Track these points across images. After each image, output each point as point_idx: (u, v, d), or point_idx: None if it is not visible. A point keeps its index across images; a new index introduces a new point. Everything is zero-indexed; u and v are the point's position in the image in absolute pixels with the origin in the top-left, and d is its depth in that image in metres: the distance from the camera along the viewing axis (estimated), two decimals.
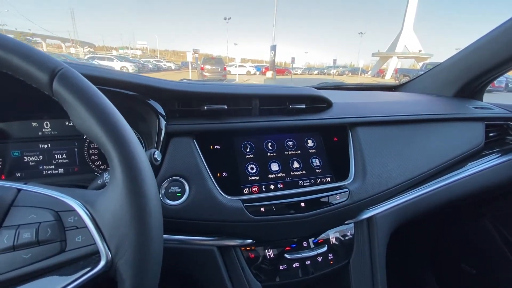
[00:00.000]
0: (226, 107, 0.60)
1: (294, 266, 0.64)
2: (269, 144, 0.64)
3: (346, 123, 0.71)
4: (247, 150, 0.62)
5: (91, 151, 0.62)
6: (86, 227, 0.30)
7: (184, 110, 0.59)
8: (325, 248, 0.66)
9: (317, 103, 0.70)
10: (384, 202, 0.71)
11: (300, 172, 0.64)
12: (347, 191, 0.63)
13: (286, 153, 0.65)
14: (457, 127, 0.88)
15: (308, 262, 0.65)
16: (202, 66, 13.91)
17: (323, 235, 0.68)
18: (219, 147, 0.60)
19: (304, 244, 0.66)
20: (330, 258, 0.67)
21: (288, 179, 0.63)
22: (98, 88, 0.33)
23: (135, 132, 0.61)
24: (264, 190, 0.60)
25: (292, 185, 0.62)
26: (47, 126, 0.58)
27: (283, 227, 0.60)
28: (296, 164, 0.64)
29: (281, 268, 0.63)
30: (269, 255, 0.63)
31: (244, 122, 0.62)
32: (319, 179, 0.65)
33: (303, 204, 0.60)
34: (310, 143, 0.68)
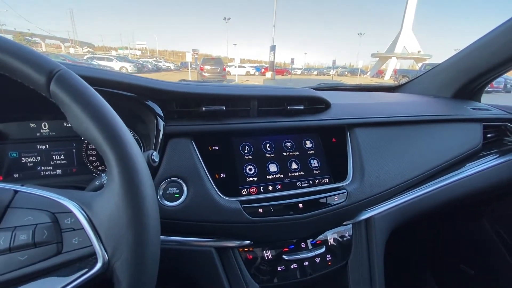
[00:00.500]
0: (224, 108, 0.60)
1: (292, 267, 0.64)
2: (267, 145, 0.64)
3: (344, 124, 0.71)
4: (245, 151, 0.62)
5: (89, 152, 0.61)
6: (83, 228, 0.30)
7: (182, 111, 0.59)
8: (323, 249, 0.66)
9: (315, 104, 0.70)
10: (382, 203, 0.71)
11: (298, 173, 0.64)
12: (345, 192, 0.63)
13: (284, 154, 0.65)
14: (455, 128, 0.88)
15: (306, 263, 0.65)
16: (202, 67, 13.84)
17: (321, 236, 0.68)
18: (217, 148, 0.60)
19: (302, 245, 0.66)
20: (328, 259, 0.67)
21: (286, 180, 0.63)
22: (95, 89, 0.33)
23: (133, 133, 0.61)
24: (262, 191, 0.60)
25: (290, 186, 0.62)
26: (45, 127, 0.58)
27: (281, 228, 0.60)
28: (294, 165, 0.64)
29: (279, 269, 0.63)
30: (267, 256, 0.63)
31: (243, 123, 0.62)
32: (317, 180, 0.65)
33: (301, 205, 0.60)
34: (309, 144, 0.68)
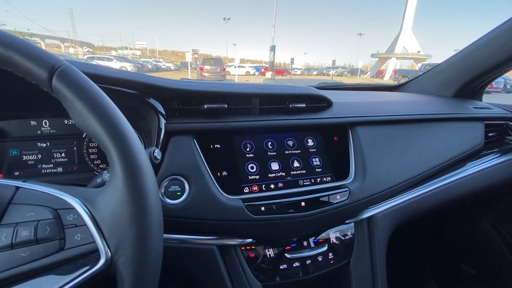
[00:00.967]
0: (226, 106, 0.59)
1: (294, 265, 0.64)
2: (269, 143, 0.64)
3: (346, 122, 0.71)
4: (247, 149, 0.62)
5: (90, 150, 0.61)
6: (86, 225, 0.30)
7: (184, 109, 0.59)
8: (325, 248, 0.66)
9: (317, 102, 0.70)
10: (384, 201, 0.71)
11: (300, 171, 0.64)
12: (347, 191, 0.63)
13: (286, 152, 0.65)
14: (457, 127, 0.88)
15: (308, 262, 0.65)
16: (202, 67, 13.82)
17: (323, 235, 0.68)
18: (219, 146, 0.60)
19: (305, 243, 0.66)
20: (330, 257, 0.67)
21: (288, 178, 0.62)
22: (97, 86, 0.33)
23: (134, 131, 0.61)
24: (264, 189, 0.60)
25: (292, 184, 0.62)
26: (46, 125, 0.58)
27: (283, 226, 0.60)
28: (296, 163, 0.64)
29: (281, 267, 0.63)
30: (269, 254, 0.63)
31: (244, 121, 0.62)
32: (319, 179, 0.65)
33: (303, 204, 0.59)
34: (310, 143, 0.68)
